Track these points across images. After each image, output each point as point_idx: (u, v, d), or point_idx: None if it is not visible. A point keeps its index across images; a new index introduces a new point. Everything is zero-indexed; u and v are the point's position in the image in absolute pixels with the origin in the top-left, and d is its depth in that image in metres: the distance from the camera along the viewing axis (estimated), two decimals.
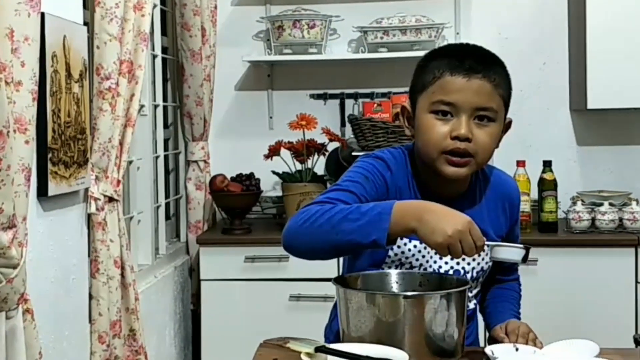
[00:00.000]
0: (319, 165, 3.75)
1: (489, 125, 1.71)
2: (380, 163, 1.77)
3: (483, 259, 1.82)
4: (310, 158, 3.65)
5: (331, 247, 1.60)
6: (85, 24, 2.49)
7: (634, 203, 3.51)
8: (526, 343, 1.71)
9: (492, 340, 1.81)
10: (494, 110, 1.70)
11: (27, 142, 1.87)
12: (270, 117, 4.07)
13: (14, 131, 1.81)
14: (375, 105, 3.70)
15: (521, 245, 1.61)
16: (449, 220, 1.51)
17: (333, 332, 1.86)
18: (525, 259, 1.60)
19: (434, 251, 1.67)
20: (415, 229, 1.52)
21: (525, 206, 3.46)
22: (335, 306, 1.96)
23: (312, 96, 4.05)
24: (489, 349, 1.65)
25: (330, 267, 3.24)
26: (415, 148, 1.79)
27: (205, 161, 3.83)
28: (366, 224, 1.54)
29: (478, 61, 1.70)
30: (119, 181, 2.60)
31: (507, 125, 1.79)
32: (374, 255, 1.79)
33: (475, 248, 1.52)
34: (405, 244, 1.77)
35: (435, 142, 1.69)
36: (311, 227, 1.58)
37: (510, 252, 1.60)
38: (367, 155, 1.82)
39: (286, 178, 3.68)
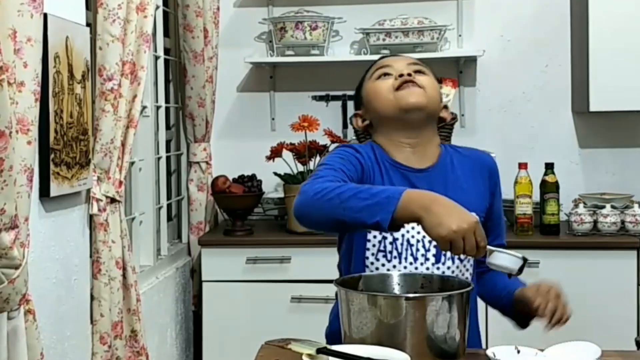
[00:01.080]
0: None
1: (422, 77, 1.92)
2: (349, 149, 1.89)
3: None
4: (312, 159, 3.65)
5: (336, 221, 1.63)
6: (87, 25, 2.49)
7: (636, 205, 3.51)
8: (555, 310, 1.74)
9: (517, 303, 1.82)
10: (425, 67, 1.96)
11: (29, 142, 1.87)
12: (272, 119, 4.07)
13: (17, 132, 1.81)
14: None
15: (519, 255, 1.60)
16: (456, 215, 1.53)
17: (333, 334, 1.87)
18: (520, 270, 1.59)
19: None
20: (421, 218, 1.54)
21: (527, 208, 3.47)
22: (334, 308, 1.97)
23: (314, 98, 4.05)
24: (490, 351, 1.66)
25: (332, 268, 3.23)
26: (377, 119, 1.95)
27: (207, 162, 3.83)
28: (374, 204, 1.57)
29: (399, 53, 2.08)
30: (120, 182, 2.61)
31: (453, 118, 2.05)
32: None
33: (477, 249, 1.52)
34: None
35: (387, 89, 1.90)
36: (322, 199, 1.62)
37: (507, 260, 1.59)
38: (335, 148, 1.94)
39: (288, 179, 3.68)
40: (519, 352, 1.67)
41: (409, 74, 1.90)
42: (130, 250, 2.70)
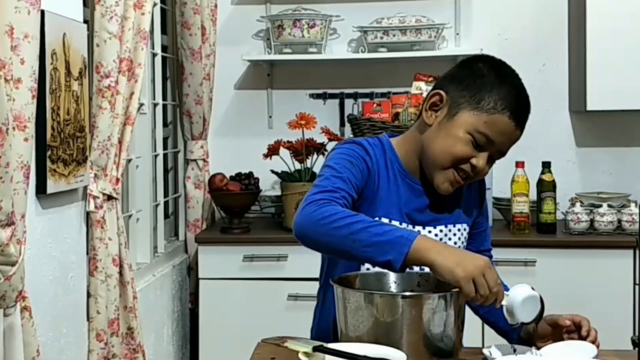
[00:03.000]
0: (318, 164, 3.74)
1: (492, 164, 1.79)
2: (359, 147, 1.79)
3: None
4: (310, 158, 3.65)
5: (341, 251, 1.59)
6: (85, 21, 2.49)
7: (632, 205, 3.51)
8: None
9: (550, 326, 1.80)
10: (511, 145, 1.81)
11: (26, 139, 1.87)
12: (270, 117, 4.07)
13: (13, 128, 1.81)
14: (375, 105, 3.69)
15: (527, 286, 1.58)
16: (469, 258, 1.53)
17: (321, 331, 1.87)
18: (542, 310, 1.60)
19: None
20: (434, 262, 1.51)
21: (523, 207, 3.47)
22: (316, 307, 1.97)
23: (312, 96, 4.05)
24: (486, 350, 1.66)
25: None
26: (424, 141, 1.79)
27: (204, 160, 3.83)
28: (386, 242, 1.53)
29: (526, 112, 1.84)
30: (118, 179, 2.60)
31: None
32: None
33: (497, 284, 1.51)
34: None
35: (455, 158, 1.74)
36: (329, 226, 1.58)
37: (525, 290, 1.57)
38: (344, 142, 1.84)
39: (285, 177, 3.68)
40: (515, 350, 1.67)
41: (478, 171, 1.75)
42: (127, 247, 2.70)
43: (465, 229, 1.87)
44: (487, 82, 1.75)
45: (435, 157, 1.76)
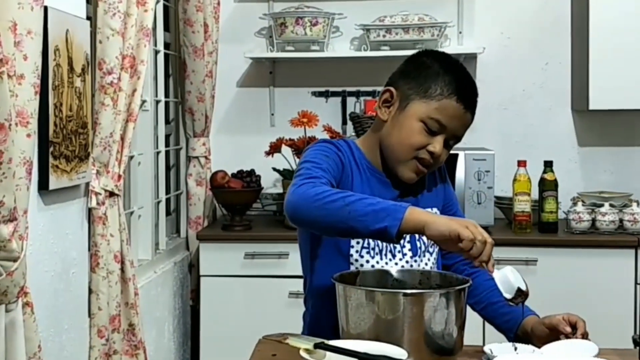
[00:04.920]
0: None
1: (449, 149, 1.87)
2: (331, 145, 1.87)
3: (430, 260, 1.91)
4: None
5: (337, 222, 1.61)
6: (88, 18, 2.49)
7: (634, 204, 3.51)
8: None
9: (548, 328, 1.81)
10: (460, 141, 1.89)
11: (28, 135, 1.87)
12: (272, 114, 4.07)
13: (16, 124, 1.81)
14: None
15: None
16: (457, 219, 1.60)
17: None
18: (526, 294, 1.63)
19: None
20: (428, 221, 1.56)
21: (525, 206, 3.47)
22: (304, 314, 1.98)
23: (314, 93, 4.05)
24: (487, 348, 1.66)
25: None
26: (381, 137, 1.88)
27: (206, 157, 3.83)
28: (381, 210, 1.58)
29: (474, 96, 1.86)
30: (119, 176, 2.60)
31: None
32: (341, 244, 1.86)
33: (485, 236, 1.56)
34: None
35: (412, 148, 1.83)
36: (323, 200, 1.62)
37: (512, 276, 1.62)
38: (316, 142, 1.91)
39: (287, 175, 3.68)
40: (516, 349, 1.67)
41: (437, 157, 1.83)
42: (129, 244, 2.70)
43: (436, 212, 1.93)
44: (433, 72, 1.83)
45: (393, 150, 1.85)
